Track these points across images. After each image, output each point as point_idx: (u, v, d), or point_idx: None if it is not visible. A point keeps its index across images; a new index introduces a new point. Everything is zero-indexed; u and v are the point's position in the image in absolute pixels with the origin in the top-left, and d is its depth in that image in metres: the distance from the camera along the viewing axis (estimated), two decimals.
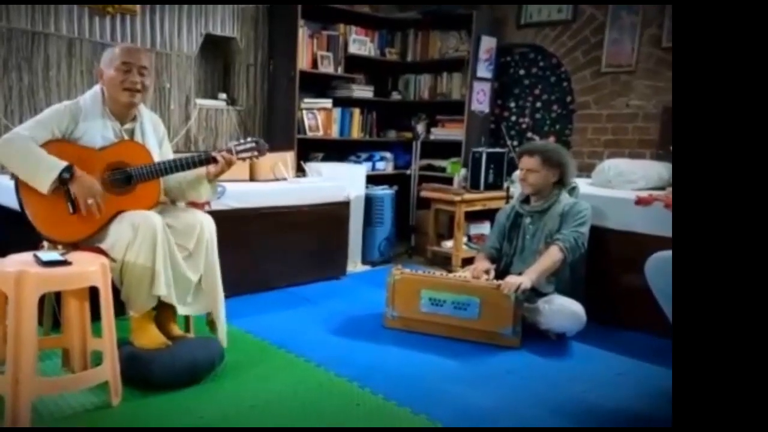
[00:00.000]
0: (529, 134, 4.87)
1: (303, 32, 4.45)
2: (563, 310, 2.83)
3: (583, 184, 3.44)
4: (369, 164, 4.86)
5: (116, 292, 2.18)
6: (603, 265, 3.15)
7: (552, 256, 2.88)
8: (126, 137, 2.43)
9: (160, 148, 2.55)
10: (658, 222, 2.96)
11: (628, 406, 2.26)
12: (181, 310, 2.40)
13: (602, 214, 3.17)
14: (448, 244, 4.32)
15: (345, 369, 2.45)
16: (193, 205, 2.69)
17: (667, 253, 2.31)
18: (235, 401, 2.16)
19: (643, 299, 2.48)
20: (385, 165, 5.06)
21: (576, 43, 4.54)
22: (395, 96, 5.29)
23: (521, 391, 2.34)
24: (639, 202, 3.08)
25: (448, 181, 4.65)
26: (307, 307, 3.32)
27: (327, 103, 4.69)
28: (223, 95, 4.45)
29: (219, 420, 2.02)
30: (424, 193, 4.46)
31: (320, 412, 2.11)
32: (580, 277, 3.06)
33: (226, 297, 2.52)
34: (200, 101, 4.30)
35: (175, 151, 2.70)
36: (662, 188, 3.46)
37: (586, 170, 4.11)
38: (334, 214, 3.85)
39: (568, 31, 4.57)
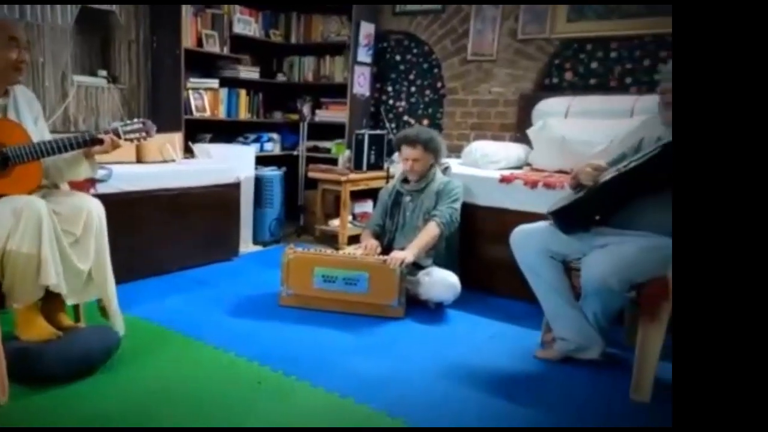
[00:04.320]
0: (406, 117, 4.95)
1: (186, 9, 4.14)
2: (441, 282, 2.95)
3: (454, 164, 3.58)
4: (257, 145, 4.69)
5: None
6: (473, 238, 3.31)
7: (430, 231, 2.99)
8: None
9: (35, 126, 2.28)
10: (520, 198, 3.14)
11: (501, 364, 2.42)
12: (70, 300, 2.20)
13: (472, 192, 3.31)
14: (335, 222, 4.31)
15: (244, 349, 2.39)
16: (77, 185, 2.45)
17: (529, 226, 2.46)
18: (133, 389, 2.04)
19: (509, 268, 2.61)
20: (273, 146, 4.91)
21: (445, 32, 4.63)
22: (281, 78, 5.12)
23: (408, 358, 2.42)
24: (502, 180, 3.26)
25: (334, 162, 4.61)
26: (201, 289, 3.18)
27: (213, 83, 4.44)
28: (104, 72, 4.05)
29: (117, 409, 1.90)
30: (311, 174, 4.40)
31: (222, 394, 2.05)
32: (454, 250, 3.20)
33: (118, 283, 2.34)
34: (78, 78, 3.88)
35: (53, 131, 2.43)
36: (520, 167, 3.70)
37: (455, 151, 4.26)
38: (225, 195, 3.70)
39: (438, 20, 4.65)
